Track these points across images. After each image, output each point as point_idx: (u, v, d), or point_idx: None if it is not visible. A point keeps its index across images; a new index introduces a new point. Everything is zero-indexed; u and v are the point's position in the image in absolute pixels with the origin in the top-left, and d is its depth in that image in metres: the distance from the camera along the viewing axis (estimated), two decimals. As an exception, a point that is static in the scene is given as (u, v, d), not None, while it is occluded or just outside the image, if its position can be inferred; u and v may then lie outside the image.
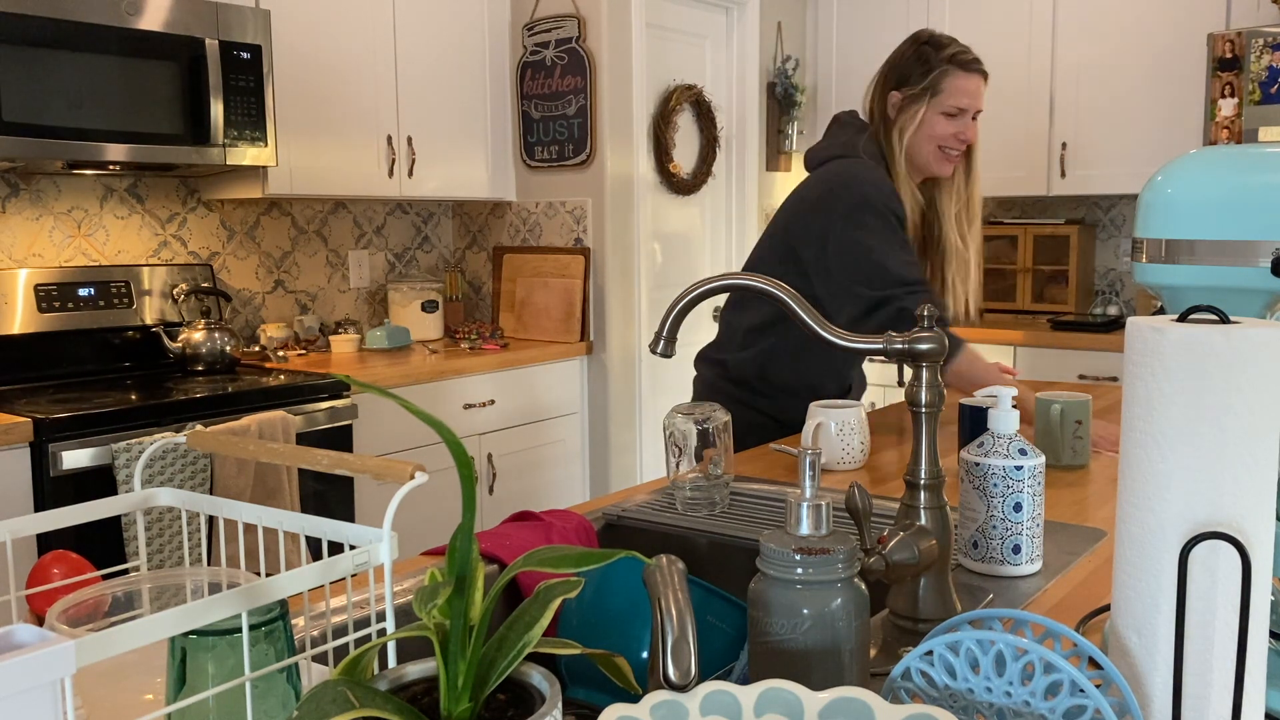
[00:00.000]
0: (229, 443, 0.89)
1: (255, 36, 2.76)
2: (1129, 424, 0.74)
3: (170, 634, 0.61)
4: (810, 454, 0.81)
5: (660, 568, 0.72)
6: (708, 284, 1.07)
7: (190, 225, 3.13)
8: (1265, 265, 0.83)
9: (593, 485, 3.64)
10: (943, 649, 0.74)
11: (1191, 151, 0.90)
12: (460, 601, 0.61)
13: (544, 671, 0.63)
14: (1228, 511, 0.69)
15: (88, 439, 2.28)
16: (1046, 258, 4.17)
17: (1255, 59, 3.29)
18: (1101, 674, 0.71)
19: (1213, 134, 3.39)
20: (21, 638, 0.55)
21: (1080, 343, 3.69)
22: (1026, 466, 1.15)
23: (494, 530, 1.34)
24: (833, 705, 0.66)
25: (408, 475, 0.74)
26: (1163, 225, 0.88)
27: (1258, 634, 0.71)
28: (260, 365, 3.03)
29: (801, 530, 0.80)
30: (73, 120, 2.43)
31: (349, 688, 0.56)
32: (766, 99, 4.40)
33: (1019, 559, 1.17)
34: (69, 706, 0.57)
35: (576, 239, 3.63)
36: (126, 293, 2.90)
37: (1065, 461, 1.68)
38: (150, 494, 0.89)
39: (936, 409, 1.00)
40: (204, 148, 2.67)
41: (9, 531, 0.79)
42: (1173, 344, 0.70)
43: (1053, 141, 3.99)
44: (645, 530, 1.45)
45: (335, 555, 0.74)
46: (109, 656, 0.58)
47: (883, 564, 0.94)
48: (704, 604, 0.98)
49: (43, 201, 2.81)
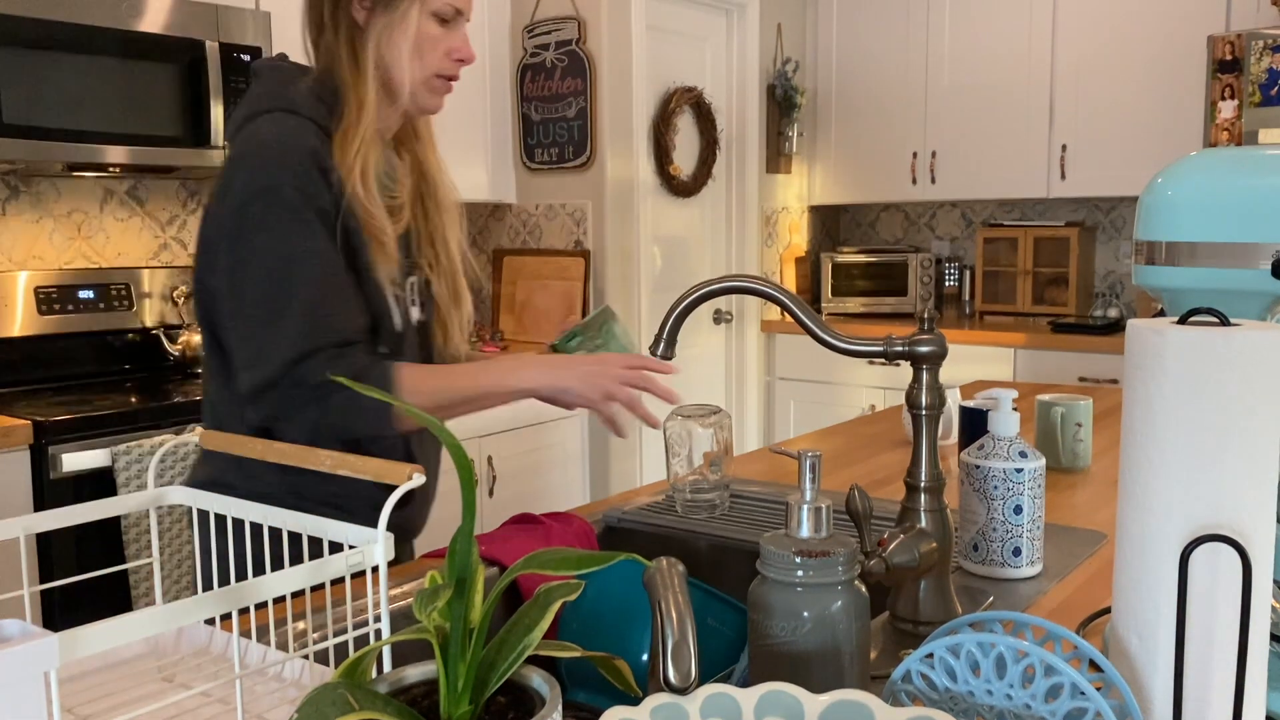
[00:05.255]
0: (238, 442, 0.90)
1: (255, 38, 2.76)
2: (1129, 426, 0.74)
3: (153, 632, 0.61)
4: (810, 457, 0.81)
5: (660, 570, 0.72)
6: (708, 286, 1.07)
7: (190, 227, 3.13)
8: (1265, 267, 0.83)
9: (593, 488, 3.64)
10: (943, 651, 0.74)
11: (1192, 154, 0.90)
12: (460, 604, 0.60)
13: (544, 674, 0.63)
14: (1228, 514, 0.69)
15: (88, 442, 2.28)
16: (1046, 260, 4.17)
17: (1255, 61, 3.29)
18: (1102, 677, 0.71)
19: (1213, 136, 3.39)
20: (8, 631, 0.55)
21: (1080, 345, 3.69)
22: (1027, 469, 1.15)
23: (494, 533, 1.34)
24: (833, 708, 0.66)
25: (405, 476, 0.74)
26: (1163, 227, 0.88)
27: (1258, 636, 0.71)
28: (260, 367, 3.03)
29: (802, 533, 0.80)
30: (73, 122, 2.43)
31: (349, 690, 0.56)
32: (766, 101, 4.40)
33: (1019, 561, 1.17)
34: (54, 698, 0.57)
35: (576, 241, 3.63)
36: (126, 295, 2.90)
37: (1066, 464, 1.68)
38: (162, 492, 0.90)
39: (937, 411, 1.00)
40: (204, 150, 2.67)
41: (22, 528, 0.79)
42: (1173, 346, 0.70)
43: (1053, 143, 3.99)
44: (645, 533, 1.45)
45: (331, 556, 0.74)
46: (93, 652, 0.58)
47: (883, 566, 0.94)
48: (704, 606, 0.98)
49: (43, 204, 2.81)
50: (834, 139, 4.56)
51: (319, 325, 1.23)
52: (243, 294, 1.24)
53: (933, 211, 4.72)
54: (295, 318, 1.22)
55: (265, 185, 1.24)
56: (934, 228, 4.73)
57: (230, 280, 1.25)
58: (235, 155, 1.28)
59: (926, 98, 4.26)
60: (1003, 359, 3.85)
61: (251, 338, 1.24)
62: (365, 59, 1.33)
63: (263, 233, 1.24)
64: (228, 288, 1.26)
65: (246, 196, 1.24)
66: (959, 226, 4.66)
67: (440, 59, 1.37)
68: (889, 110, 4.37)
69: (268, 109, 1.31)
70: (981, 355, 3.89)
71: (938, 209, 4.70)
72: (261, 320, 1.23)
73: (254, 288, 1.23)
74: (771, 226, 4.53)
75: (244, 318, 1.25)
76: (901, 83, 4.30)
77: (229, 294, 1.26)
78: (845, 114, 4.51)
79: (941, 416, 1.02)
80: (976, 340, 3.90)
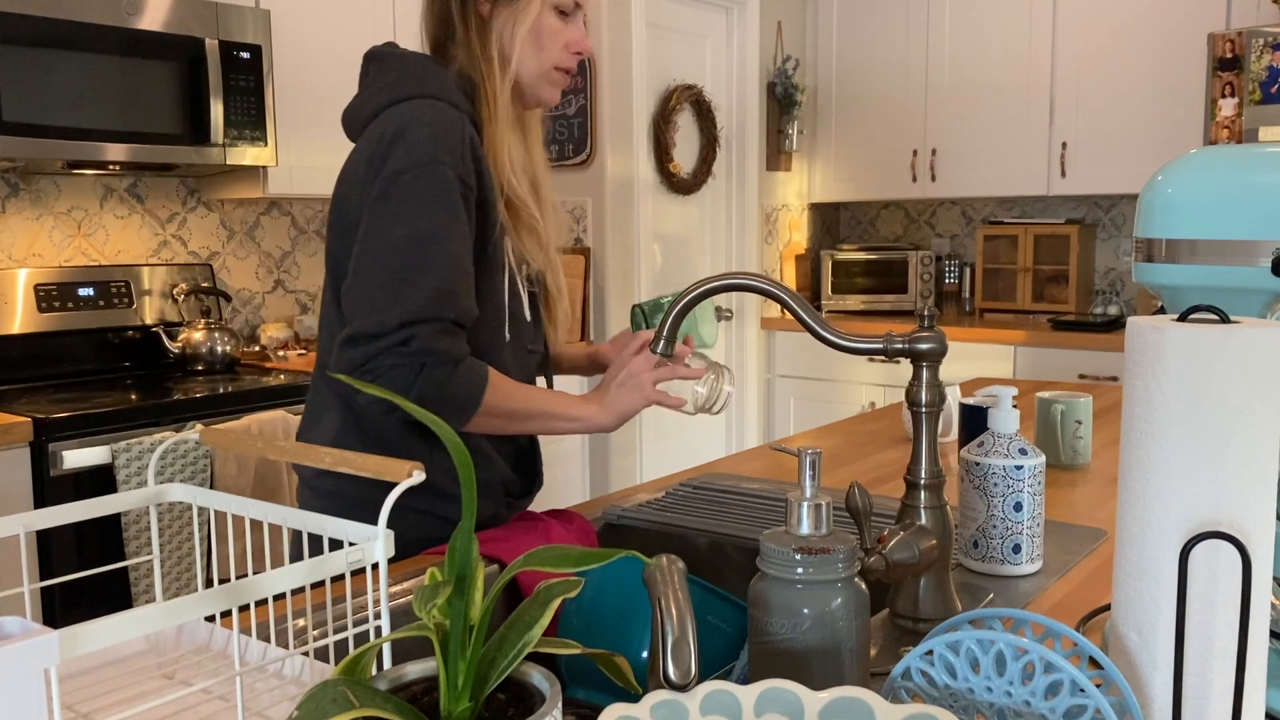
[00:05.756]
0: (239, 439, 0.90)
1: (255, 36, 2.76)
2: (1129, 423, 0.74)
3: (153, 629, 0.61)
4: (810, 454, 0.81)
5: (660, 567, 0.72)
6: (708, 284, 1.07)
7: (190, 225, 3.13)
8: (1265, 265, 0.83)
9: (593, 485, 3.64)
10: (943, 648, 0.74)
11: (1192, 151, 0.90)
12: (460, 601, 0.61)
13: (544, 671, 0.63)
14: (1228, 511, 0.69)
15: (88, 439, 2.28)
16: (1047, 257, 4.17)
17: (1255, 59, 3.29)
18: (1102, 674, 0.71)
19: (1213, 134, 3.39)
20: (8, 629, 0.55)
21: (1080, 342, 3.69)
22: (1027, 466, 1.15)
23: (494, 530, 1.34)
24: (833, 705, 0.66)
25: (405, 474, 0.74)
26: (1163, 225, 0.88)
27: (1258, 633, 0.71)
28: (260, 365, 3.03)
29: (802, 530, 0.80)
30: (73, 120, 2.43)
31: (349, 687, 0.56)
32: (767, 99, 4.40)
33: (1019, 558, 1.17)
34: (54, 695, 0.57)
35: (576, 239, 3.63)
36: (126, 293, 2.90)
37: (1065, 461, 1.68)
38: (163, 489, 0.90)
39: (937, 408, 1.00)
40: (204, 148, 2.67)
41: (22, 525, 0.79)
42: (1173, 344, 0.70)
43: (1053, 141, 3.99)
44: (645, 530, 1.45)
45: (330, 553, 0.74)
46: (93, 649, 0.58)
47: (883, 563, 0.94)
48: (704, 604, 0.98)
49: (43, 201, 2.81)
50: (834, 136, 4.56)
51: (444, 298, 1.24)
52: (379, 254, 1.25)
53: (933, 209, 4.72)
54: (424, 285, 1.23)
55: (425, 159, 1.26)
56: (934, 225, 4.73)
57: (367, 243, 1.27)
58: (393, 131, 1.28)
59: (927, 95, 4.25)
60: (1003, 356, 3.86)
61: (376, 289, 1.24)
62: (491, 52, 1.36)
63: (411, 202, 1.25)
64: (362, 248, 1.27)
65: (403, 166, 1.26)
66: (959, 224, 4.66)
67: (559, 51, 1.39)
68: (889, 108, 4.37)
69: (417, 94, 1.32)
70: (981, 352, 3.89)
71: (938, 206, 4.70)
72: (388, 281, 1.24)
73: (392, 251, 1.25)
74: (771, 224, 4.53)
75: (373, 274, 1.26)
76: (902, 80, 4.30)
77: (362, 252, 1.27)
78: (845, 111, 4.51)
79: (941, 414, 1.02)
80: (976, 337, 3.90)
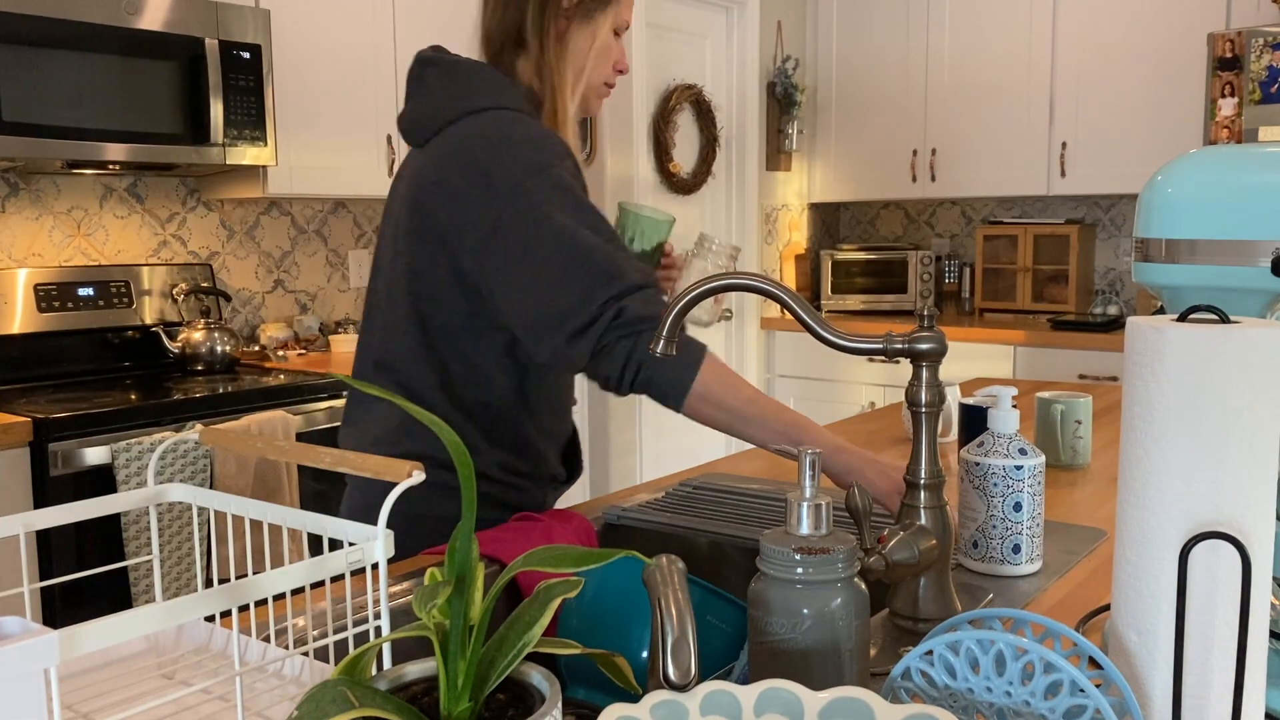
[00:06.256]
0: (239, 439, 0.89)
1: (255, 36, 2.76)
2: (1129, 424, 0.74)
3: (153, 629, 0.61)
4: (810, 454, 0.81)
5: (660, 567, 0.72)
6: (708, 283, 1.07)
7: (190, 225, 3.13)
8: (1265, 265, 0.83)
9: (593, 485, 3.64)
10: (943, 649, 0.74)
11: (1192, 151, 0.89)
12: (460, 601, 0.61)
13: (544, 671, 0.63)
14: (1228, 511, 0.69)
15: (87, 439, 2.28)
16: (1046, 257, 4.17)
17: (1255, 58, 3.29)
18: (1101, 674, 0.71)
19: (1213, 133, 3.39)
20: (8, 629, 0.55)
21: (1080, 342, 3.69)
22: (1026, 466, 1.15)
23: (494, 530, 1.34)
24: (833, 705, 0.66)
25: (405, 474, 0.74)
26: (1163, 225, 0.88)
27: (1258, 633, 0.71)
28: (260, 365, 3.03)
29: (801, 530, 0.80)
30: (73, 120, 2.43)
31: (349, 687, 0.56)
32: (766, 99, 4.40)
33: (1019, 559, 1.17)
34: (54, 695, 0.57)
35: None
36: (126, 292, 2.90)
37: (1065, 461, 1.68)
38: (163, 489, 0.90)
39: (936, 409, 1.00)
40: (204, 147, 2.67)
41: (22, 525, 0.79)
42: (1173, 344, 0.70)
43: (1053, 141, 3.99)
44: (645, 530, 1.45)
45: (330, 553, 0.74)
46: (93, 649, 0.58)
47: (883, 564, 0.94)
48: (704, 604, 0.98)
49: (42, 201, 2.81)
50: (834, 136, 4.56)
51: (622, 271, 1.27)
52: (542, 256, 1.28)
53: (933, 209, 4.72)
54: (602, 265, 1.26)
55: (539, 165, 1.30)
56: (934, 225, 4.73)
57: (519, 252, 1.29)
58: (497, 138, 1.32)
59: (926, 95, 4.25)
60: (1002, 356, 3.86)
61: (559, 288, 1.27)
62: (565, 68, 1.41)
63: (549, 203, 1.29)
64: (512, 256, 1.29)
65: (520, 175, 1.29)
66: (959, 224, 4.66)
67: (609, 68, 1.46)
68: (889, 108, 4.37)
69: (494, 106, 1.36)
70: (981, 352, 3.89)
71: (938, 206, 4.70)
72: (567, 273, 1.27)
73: (554, 247, 1.27)
74: (771, 224, 4.53)
75: (548, 275, 1.27)
76: (902, 80, 4.30)
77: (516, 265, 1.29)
78: (845, 111, 4.51)
79: (941, 414, 1.02)
80: (976, 337, 3.90)
